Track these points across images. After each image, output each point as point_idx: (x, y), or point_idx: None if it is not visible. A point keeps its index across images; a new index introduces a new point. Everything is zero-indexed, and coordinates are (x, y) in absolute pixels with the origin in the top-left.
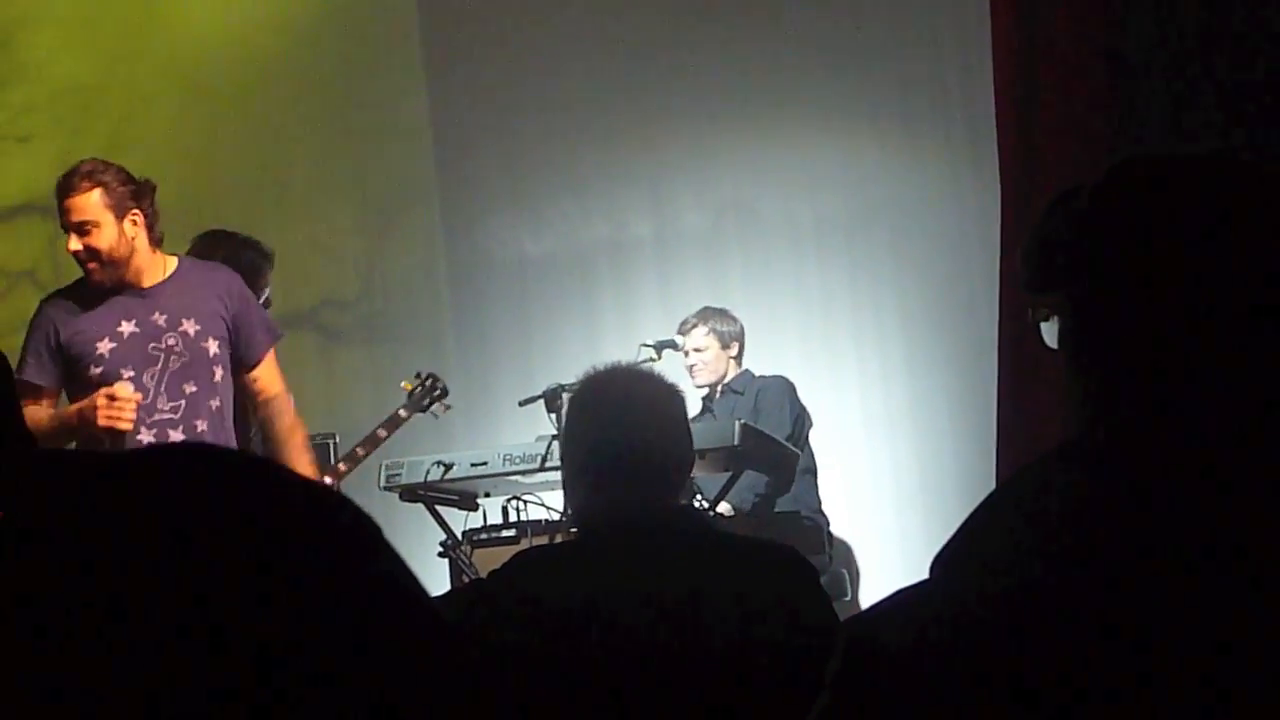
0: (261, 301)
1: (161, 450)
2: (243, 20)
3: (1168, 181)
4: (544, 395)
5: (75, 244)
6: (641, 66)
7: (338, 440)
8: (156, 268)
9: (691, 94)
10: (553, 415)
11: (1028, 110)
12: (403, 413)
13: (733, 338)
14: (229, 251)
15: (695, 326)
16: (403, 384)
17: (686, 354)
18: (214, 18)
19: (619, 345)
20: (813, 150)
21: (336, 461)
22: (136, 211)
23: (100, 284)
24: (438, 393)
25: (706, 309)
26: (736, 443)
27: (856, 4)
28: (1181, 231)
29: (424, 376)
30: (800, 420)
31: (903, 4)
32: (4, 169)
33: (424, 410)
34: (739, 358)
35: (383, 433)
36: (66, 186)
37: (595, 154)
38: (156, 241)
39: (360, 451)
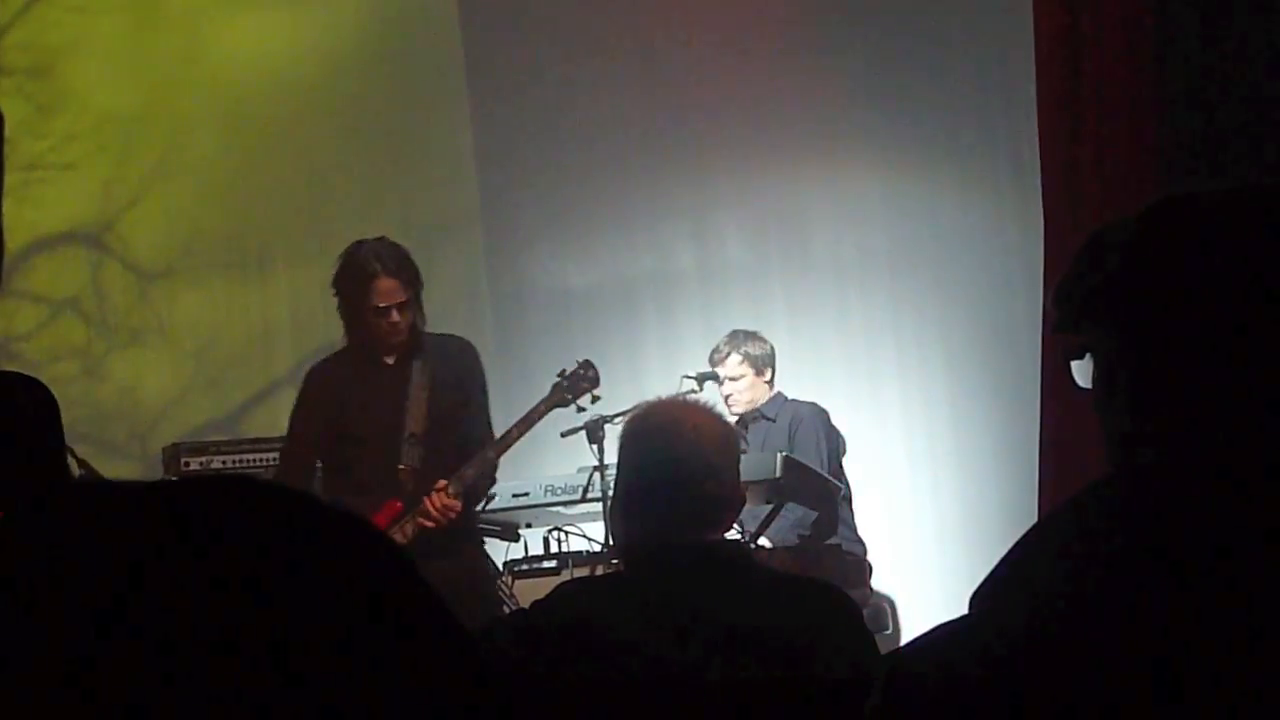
0: None
1: (196, 481)
2: (286, 50)
3: (1202, 220)
4: (586, 427)
5: None
6: (686, 100)
7: None
8: None
9: (736, 127)
10: (594, 446)
11: (1071, 147)
12: (542, 407)
13: (765, 362)
14: None
15: (729, 355)
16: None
17: (722, 384)
18: (258, 47)
19: (662, 377)
20: (857, 183)
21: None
22: None
23: None
24: (585, 383)
25: (736, 333)
26: (779, 475)
27: (903, 40)
28: (1217, 269)
29: (580, 363)
30: (836, 451)
31: (949, 40)
32: (47, 197)
33: (566, 404)
34: (771, 381)
35: (515, 432)
36: None
37: (639, 186)
38: None
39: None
